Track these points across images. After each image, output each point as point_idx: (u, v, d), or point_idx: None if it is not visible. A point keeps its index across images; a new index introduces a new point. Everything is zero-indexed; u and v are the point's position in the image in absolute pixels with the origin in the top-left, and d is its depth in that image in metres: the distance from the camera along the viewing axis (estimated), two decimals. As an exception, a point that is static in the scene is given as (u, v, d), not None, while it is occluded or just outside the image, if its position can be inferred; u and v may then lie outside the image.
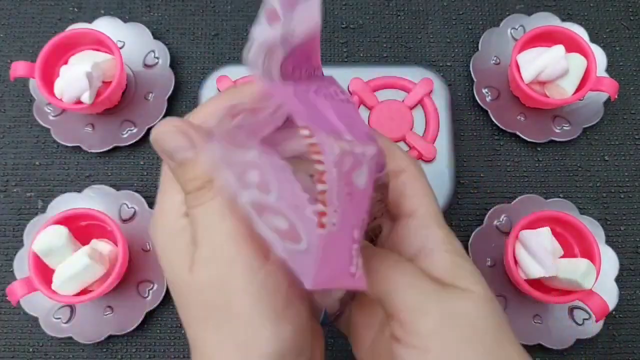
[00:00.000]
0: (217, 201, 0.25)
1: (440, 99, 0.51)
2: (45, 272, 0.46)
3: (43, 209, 0.52)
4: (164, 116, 0.54)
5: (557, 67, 0.50)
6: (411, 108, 0.51)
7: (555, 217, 0.48)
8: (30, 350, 0.50)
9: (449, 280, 0.27)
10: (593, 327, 0.48)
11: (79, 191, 0.52)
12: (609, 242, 0.51)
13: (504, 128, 0.54)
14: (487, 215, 0.51)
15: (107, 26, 0.55)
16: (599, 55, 0.54)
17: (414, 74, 0.52)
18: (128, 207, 0.51)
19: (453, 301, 0.26)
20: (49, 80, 0.51)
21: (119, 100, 0.54)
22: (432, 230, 0.29)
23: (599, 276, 0.45)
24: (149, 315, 0.49)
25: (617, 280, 0.49)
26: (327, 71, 0.54)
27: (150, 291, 0.49)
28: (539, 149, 0.55)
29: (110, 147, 0.53)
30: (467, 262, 0.28)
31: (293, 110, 0.23)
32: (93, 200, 0.51)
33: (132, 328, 0.48)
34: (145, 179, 0.54)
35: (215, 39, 0.58)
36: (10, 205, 0.53)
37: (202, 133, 0.26)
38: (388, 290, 0.27)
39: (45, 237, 0.45)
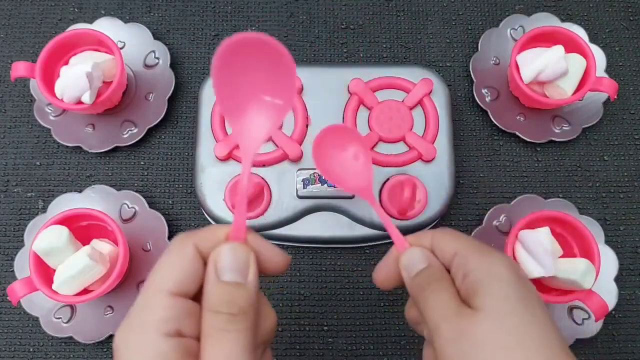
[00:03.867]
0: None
1: (439, 99, 0.51)
2: (45, 272, 0.46)
3: (44, 209, 0.52)
4: (165, 116, 0.54)
5: (557, 67, 0.50)
6: (411, 108, 0.51)
7: (554, 217, 0.48)
8: (31, 350, 0.50)
9: (471, 299, 0.30)
10: (592, 327, 0.48)
11: (80, 191, 0.52)
12: (608, 242, 0.51)
13: (503, 128, 0.54)
14: (486, 216, 0.51)
15: (107, 26, 0.56)
16: (599, 56, 0.54)
17: (413, 74, 0.52)
18: (128, 207, 0.51)
19: (461, 323, 0.29)
20: (49, 81, 0.51)
21: (120, 101, 0.54)
22: (469, 257, 0.31)
23: (599, 276, 0.45)
24: (150, 315, 0.49)
25: (617, 280, 0.49)
26: (328, 71, 0.55)
27: (151, 291, 0.49)
28: (538, 149, 0.55)
29: (111, 147, 0.53)
30: (491, 276, 0.30)
31: None
32: (93, 200, 0.51)
33: (133, 328, 0.49)
34: (146, 179, 0.54)
35: (215, 40, 0.58)
36: (11, 205, 0.53)
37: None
38: (424, 304, 0.31)
39: (45, 237, 0.45)
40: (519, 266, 0.32)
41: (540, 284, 0.47)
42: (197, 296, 0.28)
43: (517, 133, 0.54)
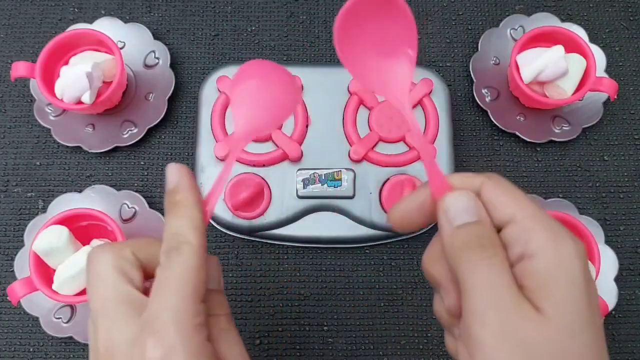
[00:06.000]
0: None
1: (439, 99, 0.51)
2: (45, 272, 0.46)
3: (44, 209, 0.52)
4: (165, 116, 0.54)
5: (557, 67, 0.50)
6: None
7: (554, 217, 0.48)
8: (31, 350, 0.50)
9: (534, 294, 0.25)
10: (592, 327, 0.48)
11: (80, 191, 0.52)
12: (608, 242, 0.51)
13: (503, 128, 0.54)
14: (486, 215, 0.51)
15: (107, 26, 0.56)
16: (599, 56, 0.54)
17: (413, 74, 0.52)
18: (128, 207, 0.51)
19: (518, 322, 0.25)
20: (49, 81, 0.51)
21: (120, 101, 0.54)
22: (534, 234, 0.27)
23: (599, 276, 0.45)
24: (150, 315, 0.49)
25: (617, 280, 0.49)
26: (328, 71, 0.55)
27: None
28: (538, 149, 0.55)
29: (111, 147, 0.53)
30: (563, 272, 0.26)
31: None
32: (93, 200, 0.51)
33: (133, 328, 0.49)
34: (146, 179, 0.54)
35: (215, 40, 0.58)
36: (11, 205, 0.53)
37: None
38: (466, 274, 0.26)
39: (45, 237, 0.45)
40: (586, 251, 0.28)
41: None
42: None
43: (517, 133, 0.54)
